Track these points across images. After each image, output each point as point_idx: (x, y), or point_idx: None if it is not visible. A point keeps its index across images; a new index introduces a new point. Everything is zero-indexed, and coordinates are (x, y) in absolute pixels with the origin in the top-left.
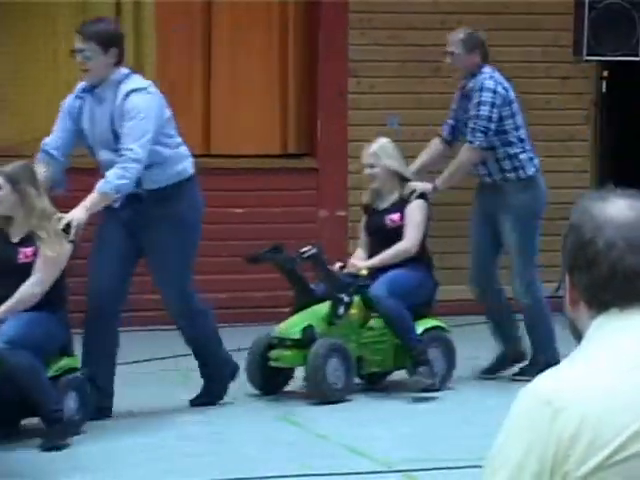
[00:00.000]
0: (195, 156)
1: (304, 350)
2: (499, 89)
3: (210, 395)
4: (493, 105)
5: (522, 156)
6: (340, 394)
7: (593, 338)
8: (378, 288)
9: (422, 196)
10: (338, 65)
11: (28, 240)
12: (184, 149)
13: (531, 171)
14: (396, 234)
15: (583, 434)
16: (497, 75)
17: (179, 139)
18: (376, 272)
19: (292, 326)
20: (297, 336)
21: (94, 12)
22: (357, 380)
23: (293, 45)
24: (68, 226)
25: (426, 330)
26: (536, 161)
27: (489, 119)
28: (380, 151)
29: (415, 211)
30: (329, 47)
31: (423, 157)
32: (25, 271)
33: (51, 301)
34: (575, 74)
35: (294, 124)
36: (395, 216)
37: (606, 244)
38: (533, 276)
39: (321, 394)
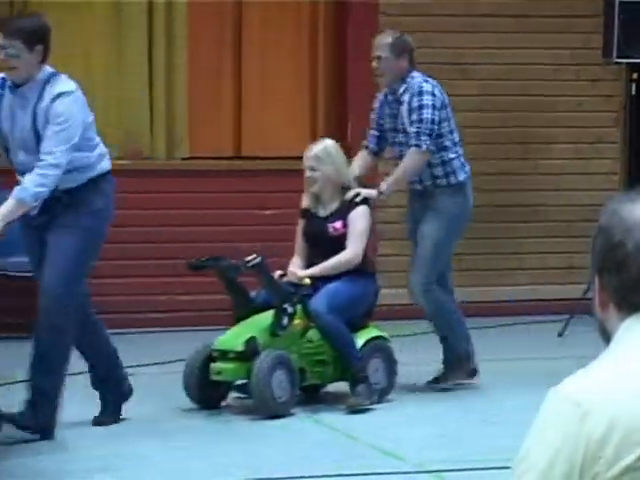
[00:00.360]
0: (225, 158)
1: (247, 363)
2: (436, 92)
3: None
4: (434, 107)
5: (455, 162)
6: (285, 407)
7: (622, 340)
8: (318, 302)
9: (365, 202)
10: (367, 66)
11: None
12: (102, 148)
13: (462, 177)
14: (338, 242)
15: (613, 436)
16: (431, 79)
17: (98, 139)
18: (318, 281)
19: (234, 338)
20: (240, 348)
21: (127, 12)
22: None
23: (323, 46)
24: None
25: (368, 341)
26: (467, 167)
27: (432, 121)
28: (323, 154)
29: (358, 219)
30: (358, 48)
31: (356, 170)
32: None
33: None
34: (605, 76)
35: (324, 125)
36: (337, 224)
37: (635, 246)
38: (433, 279)
39: (267, 408)
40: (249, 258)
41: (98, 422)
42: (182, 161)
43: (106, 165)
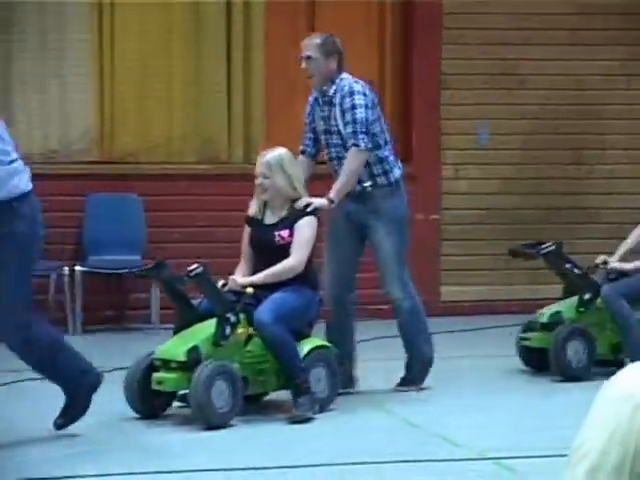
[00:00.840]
0: None
1: (189, 373)
2: (367, 92)
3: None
4: (366, 107)
5: (390, 158)
6: (226, 417)
7: None
8: (264, 312)
9: (314, 212)
10: (431, 78)
11: None
12: (19, 164)
13: (398, 174)
14: (284, 251)
15: None
16: (360, 80)
17: (14, 155)
18: (263, 290)
19: (175, 347)
20: (182, 358)
21: (206, 13)
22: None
23: (390, 60)
24: None
25: (311, 350)
26: (400, 164)
27: (367, 120)
28: (275, 162)
29: (304, 228)
30: (423, 61)
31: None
32: None
33: None
34: None
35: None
36: (284, 232)
37: None
38: (408, 278)
39: (206, 418)
40: (191, 268)
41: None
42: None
43: (23, 185)
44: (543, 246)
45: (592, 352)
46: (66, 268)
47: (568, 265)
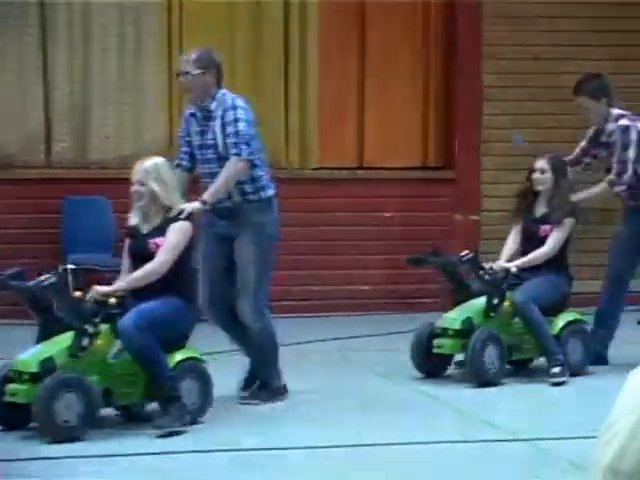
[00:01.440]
0: (350, 169)
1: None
2: (248, 108)
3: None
4: (248, 122)
5: (264, 178)
6: (75, 431)
7: None
8: (127, 321)
9: (188, 218)
10: (474, 91)
11: None
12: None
13: (270, 193)
14: None
15: None
16: (240, 96)
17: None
18: (136, 300)
19: (32, 358)
20: (34, 369)
21: (266, 12)
22: (115, 412)
23: (435, 71)
24: None
25: (182, 361)
26: (273, 185)
27: (249, 133)
28: (151, 170)
29: (172, 234)
30: (465, 75)
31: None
32: None
33: None
34: None
35: (434, 141)
36: (158, 240)
37: None
38: (265, 299)
39: (50, 432)
40: (42, 278)
41: None
42: (313, 171)
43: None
44: (462, 254)
45: (504, 356)
46: None
47: (481, 272)
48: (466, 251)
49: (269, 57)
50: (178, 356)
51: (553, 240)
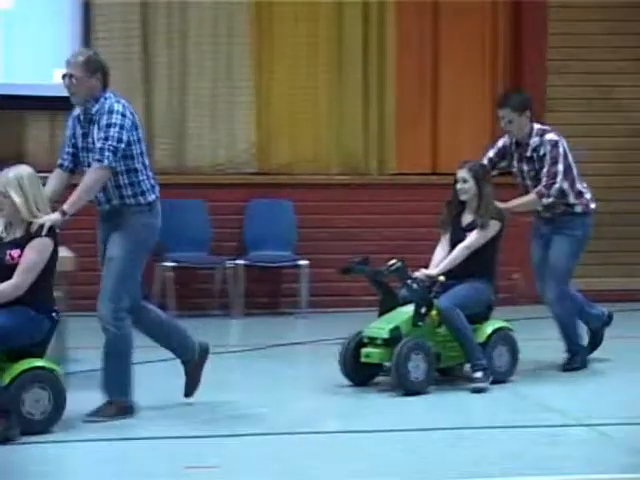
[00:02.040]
0: (422, 174)
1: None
2: (127, 113)
3: None
4: (122, 127)
5: (145, 183)
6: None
7: None
8: None
9: (50, 231)
10: (538, 103)
11: None
12: None
13: (151, 197)
14: (12, 272)
15: None
16: (124, 100)
17: None
18: None
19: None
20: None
21: (347, 12)
22: None
23: (502, 85)
24: None
25: (25, 370)
26: (157, 189)
27: (119, 140)
28: (14, 181)
29: (30, 252)
30: (531, 87)
31: (47, 189)
32: None
33: None
34: None
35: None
36: (15, 252)
37: None
38: (123, 305)
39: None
40: (390, 263)
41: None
42: (391, 176)
43: None
44: (390, 263)
45: (431, 365)
46: (230, 262)
47: (409, 280)
48: (394, 260)
49: (349, 73)
50: (25, 365)
51: (471, 237)
